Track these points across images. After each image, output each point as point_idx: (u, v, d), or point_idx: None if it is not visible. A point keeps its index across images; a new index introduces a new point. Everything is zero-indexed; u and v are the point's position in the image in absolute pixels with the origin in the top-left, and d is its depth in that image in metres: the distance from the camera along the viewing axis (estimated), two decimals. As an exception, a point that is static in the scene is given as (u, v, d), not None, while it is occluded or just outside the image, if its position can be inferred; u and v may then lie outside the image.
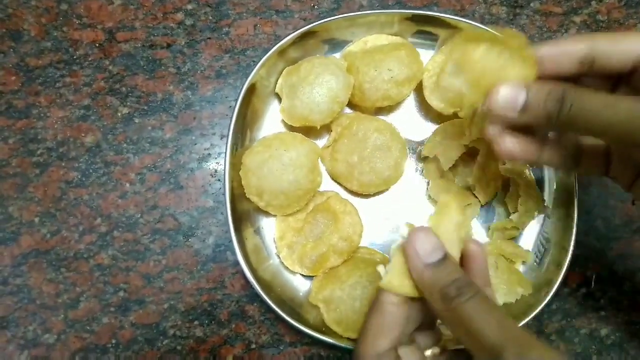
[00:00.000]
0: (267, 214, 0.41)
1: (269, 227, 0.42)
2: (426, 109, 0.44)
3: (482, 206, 0.43)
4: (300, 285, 0.42)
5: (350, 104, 0.43)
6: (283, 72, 0.42)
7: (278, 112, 0.42)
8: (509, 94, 0.28)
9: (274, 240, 0.42)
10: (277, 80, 0.42)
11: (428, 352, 0.27)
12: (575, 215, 0.40)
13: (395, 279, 0.26)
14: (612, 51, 0.28)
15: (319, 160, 0.42)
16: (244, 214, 0.41)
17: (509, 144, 0.31)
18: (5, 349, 0.40)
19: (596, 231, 0.44)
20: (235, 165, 0.40)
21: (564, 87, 0.27)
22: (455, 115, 0.42)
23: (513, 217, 0.42)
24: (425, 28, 0.43)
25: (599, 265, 0.44)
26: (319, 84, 0.39)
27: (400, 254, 0.27)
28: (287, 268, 0.41)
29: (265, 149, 0.39)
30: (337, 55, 0.44)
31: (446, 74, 0.41)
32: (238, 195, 0.40)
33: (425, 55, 0.43)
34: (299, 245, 0.41)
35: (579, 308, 0.43)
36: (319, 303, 0.39)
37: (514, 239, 0.43)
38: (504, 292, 0.40)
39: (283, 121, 0.43)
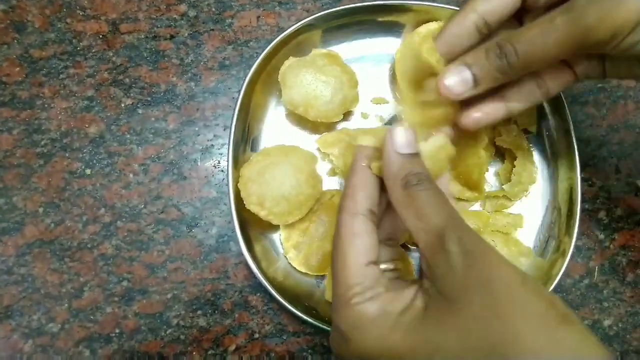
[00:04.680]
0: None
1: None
2: None
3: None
4: (315, 282, 0.41)
5: None
6: (294, 61, 0.41)
7: (281, 104, 0.42)
8: (455, 78, 0.29)
9: (281, 242, 0.42)
10: (279, 71, 0.42)
11: (382, 266, 0.28)
12: (579, 206, 0.40)
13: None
14: (493, 6, 0.29)
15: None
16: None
17: (476, 115, 0.32)
18: (9, 338, 0.40)
19: (599, 222, 0.44)
20: (238, 157, 0.40)
21: (495, 40, 0.28)
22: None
23: (505, 186, 0.42)
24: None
25: (601, 256, 0.44)
26: (336, 83, 0.40)
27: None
28: (295, 269, 0.41)
29: (264, 157, 0.39)
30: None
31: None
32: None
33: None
34: (305, 245, 0.41)
35: (582, 299, 0.43)
36: None
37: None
38: None
39: (285, 115, 0.43)
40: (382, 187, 0.28)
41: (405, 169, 0.26)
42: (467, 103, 0.33)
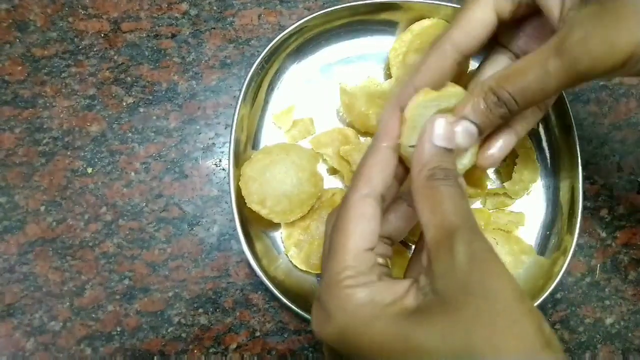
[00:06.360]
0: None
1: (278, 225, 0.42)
2: None
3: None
4: (316, 280, 0.41)
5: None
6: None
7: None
8: (460, 132, 0.28)
9: (282, 240, 0.42)
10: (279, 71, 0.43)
11: (379, 260, 0.27)
12: (580, 204, 0.40)
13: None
14: (468, 38, 0.29)
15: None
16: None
17: (493, 152, 0.31)
18: (12, 336, 0.40)
19: (601, 220, 0.44)
20: (239, 155, 0.40)
21: (488, 85, 0.27)
22: None
23: (506, 184, 0.42)
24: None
25: (603, 254, 0.44)
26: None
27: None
28: (296, 267, 0.41)
29: (265, 156, 0.40)
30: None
31: (412, 52, 0.40)
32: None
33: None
34: (306, 243, 0.41)
35: (584, 297, 0.43)
36: None
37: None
38: (510, 264, 0.40)
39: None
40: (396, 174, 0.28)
41: (435, 160, 0.25)
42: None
